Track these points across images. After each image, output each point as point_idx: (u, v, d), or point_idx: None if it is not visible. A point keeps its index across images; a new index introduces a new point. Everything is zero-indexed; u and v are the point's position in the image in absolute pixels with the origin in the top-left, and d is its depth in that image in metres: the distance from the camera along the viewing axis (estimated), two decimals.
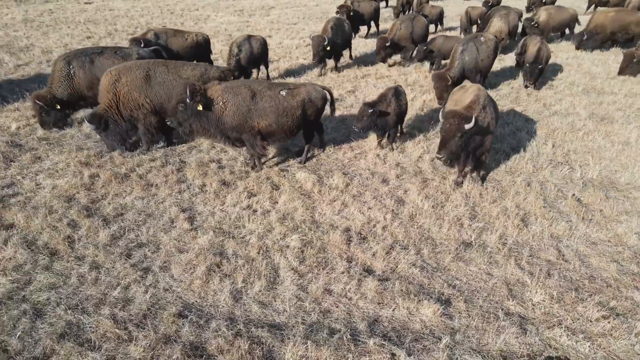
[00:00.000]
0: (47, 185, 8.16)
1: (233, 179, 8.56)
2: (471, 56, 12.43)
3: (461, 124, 7.04)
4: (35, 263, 6.28)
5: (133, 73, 9.03)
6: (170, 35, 13.40)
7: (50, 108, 10.00)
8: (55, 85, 9.99)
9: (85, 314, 5.46)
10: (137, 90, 9.01)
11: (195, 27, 22.83)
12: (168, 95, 9.18)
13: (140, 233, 7.00)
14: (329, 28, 14.78)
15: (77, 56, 10.13)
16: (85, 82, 10.07)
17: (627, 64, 15.25)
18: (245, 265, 6.31)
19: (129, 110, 9.09)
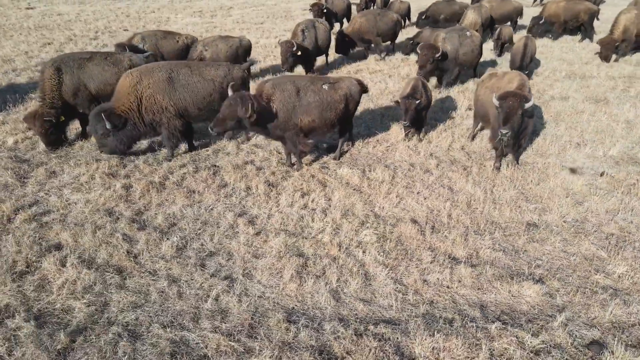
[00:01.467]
0: (78, 201, 7.54)
1: (276, 179, 8.30)
2: (452, 47, 12.53)
3: (522, 102, 7.24)
4: (105, 282, 5.78)
5: (155, 75, 8.54)
6: (160, 37, 12.80)
7: (57, 123, 9.19)
8: (49, 95, 9.16)
9: (186, 330, 5.09)
10: (161, 93, 8.53)
11: None
12: (193, 98, 8.77)
13: (204, 242, 6.63)
14: (299, 32, 13.89)
15: (65, 61, 9.37)
16: (71, 88, 9.28)
17: (609, 49, 16.19)
18: (331, 264, 6.13)
19: (152, 113, 8.59)
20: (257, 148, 9.59)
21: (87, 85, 9.45)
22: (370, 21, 16.20)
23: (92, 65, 9.55)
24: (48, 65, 9.29)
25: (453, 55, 12.59)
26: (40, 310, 5.35)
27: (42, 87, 9.24)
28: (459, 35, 12.71)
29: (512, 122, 7.37)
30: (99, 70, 9.58)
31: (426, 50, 11.78)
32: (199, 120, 9.34)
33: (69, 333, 4.96)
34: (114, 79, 9.63)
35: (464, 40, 12.69)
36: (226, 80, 9.05)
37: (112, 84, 9.55)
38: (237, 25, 23.88)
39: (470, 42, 12.82)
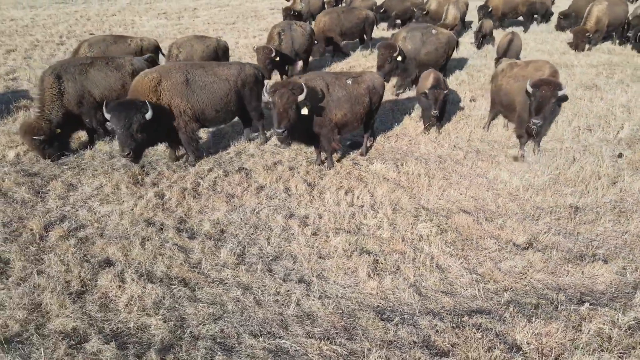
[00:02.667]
0: (110, 213, 7.08)
1: (313, 178, 8.13)
2: (414, 46, 11.83)
3: (556, 90, 7.39)
4: (174, 296, 5.45)
5: (173, 77, 8.17)
6: (110, 43, 11.42)
7: (52, 137, 8.51)
8: (48, 107, 8.52)
9: (279, 338, 4.87)
10: (179, 96, 8.14)
11: (126, 34, 20.97)
12: (210, 100, 8.43)
13: (262, 246, 6.40)
14: (275, 35, 13.22)
15: (65, 68, 8.76)
16: (75, 97, 8.70)
17: (581, 39, 16.94)
18: (402, 259, 6.06)
19: (169, 117, 8.16)
20: (279, 148, 9.36)
21: (92, 92, 8.90)
22: (334, 19, 15.70)
23: (95, 70, 8.99)
24: (47, 73, 8.65)
25: (414, 54, 11.84)
26: (114, 330, 4.97)
27: (41, 98, 8.59)
28: (422, 34, 11.96)
29: (545, 110, 7.51)
30: (102, 75, 9.04)
31: (384, 50, 11.17)
32: (216, 124, 8.99)
33: (157, 351, 4.63)
34: (118, 84, 9.15)
35: (427, 38, 11.95)
36: (240, 78, 8.77)
37: (117, 90, 9.09)
38: (209, 26, 23.31)
39: (434, 41, 12.04)
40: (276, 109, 7.06)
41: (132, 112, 7.20)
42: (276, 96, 7.03)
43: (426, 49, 11.91)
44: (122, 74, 9.25)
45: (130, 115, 7.16)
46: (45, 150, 8.52)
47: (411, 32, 12.00)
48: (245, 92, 8.82)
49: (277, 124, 7.06)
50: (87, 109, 8.94)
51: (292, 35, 13.60)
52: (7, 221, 6.84)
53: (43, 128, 8.36)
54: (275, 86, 7.24)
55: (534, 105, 7.48)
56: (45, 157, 8.60)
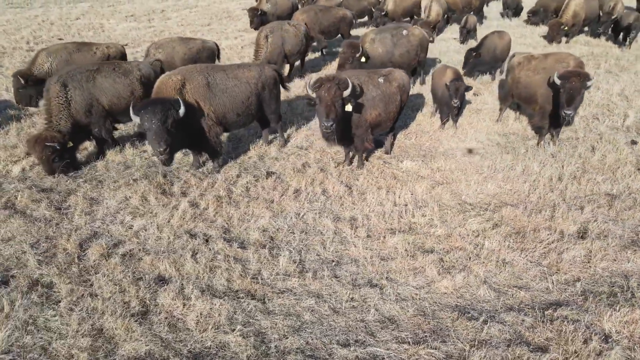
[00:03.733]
0: (145, 226, 6.68)
1: (348, 179, 7.97)
2: (385, 49, 11.21)
3: (584, 81, 7.52)
4: (245, 309, 5.17)
5: (196, 79, 7.80)
6: (73, 51, 10.38)
7: (63, 149, 7.91)
8: (56, 117, 7.96)
9: (370, 346, 4.70)
10: (202, 99, 7.80)
11: (98, 39, 20.08)
12: (232, 103, 8.10)
13: (319, 252, 6.19)
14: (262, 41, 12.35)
15: (71, 75, 8.19)
16: (83, 105, 8.14)
17: (557, 32, 17.50)
18: (466, 256, 6.00)
19: (192, 121, 7.76)
20: (301, 150, 9.14)
21: (100, 99, 8.38)
22: (312, 18, 15.18)
23: (102, 77, 8.44)
24: (52, 82, 8.08)
25: (387, 57, 11.21)
26: (192, 351, 4.66)
27: (47, 108, 8.02)
28: (392, 35, 11.29)
29: (576, 101, 7.64)
30: (110, 82, 8.51)
31: (346, 49, 10.56)
32: (236, 127, 8.66)
33: None
34: (127, 91, 8.66)
35: (399, 40, 11.31)
36: (260, 81, 8.47)
37: (126, 97, 8.59)
38: (185, 28, 22.62)
39: (406, 43, 11.39)
40: (323, 102, 6.85)
41: (167, 107, 6.81)
42: (322, 90, 6.84)
43: (399, 51, 11.31)
44: (130, 80, 8.76)
45: (165, 110, 6.76)
46: (53, 164, 7.91)
47: (381, 34, 11.32)
48: (265, 94, 8.54)
49: (325, 116, 6.85)
50: (96, 118, 8.42)
51: (283, 36, 13.13)
52: (34, 241, 6.33)
53: (56, 137, 7.80)
54: (320, 81, 7.03)
55: (565, 97, 7.59)
56: (53, 171, 7.99)
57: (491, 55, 12.86)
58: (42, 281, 5.61)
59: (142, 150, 9.02)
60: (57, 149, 7.75)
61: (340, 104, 6.94)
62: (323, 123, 6.98)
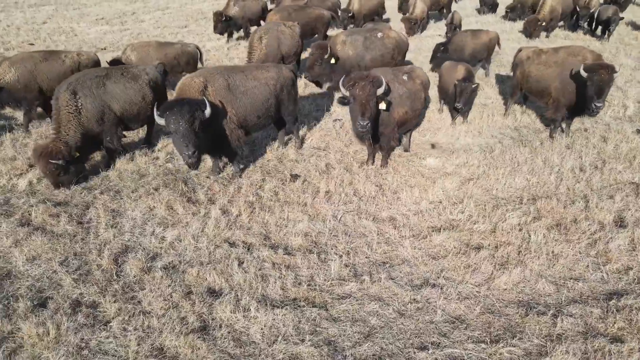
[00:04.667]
0: (179, 237, 6.38)
1: (377, 179, 7.85)
2: (355, 51, 10.62)
3: (612, 74, 7.66)
4: (308, 318, 4.99)
5: (217, 81, 7.52)
6: (39, 60, 9.49)
7: (70, 161, 7.43)
8: (65, 127, 7.50)
9: (448, 348, 4.61)
10: (224, 101, 7.53)
11: (72, 43, 19.25)
12: (252, 105, 7.86)
13: (367, 254, 6.06)
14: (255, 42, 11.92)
15: (81, 82, 7.73)
16: (94, 114, 7.74)
17: (535, 27, 17.93)
18: (517, 250, 6.00)
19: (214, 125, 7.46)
20: (319, 150, 8.98)
21: (112, 106, 7.98)
22: (285, 18, 14.68)
23: (112, 83, 8.03)
24: (62, 89, 7.61)
25: (357, 61, 10.63)
26: None
27: (56, 118, 7.56)
28: (364, 38, 10.71)
29: (605, 93, 7.72)
30: (121, 88, 8.11)
31: (314, 50, 10.25)
32: (255, 130, 8.43)
33: None
34: (138, 96, 8.29)
35: (371, 43, 10.69)
36: (279, 82, 8.25)
37: (137, 103, 8.25)
38: (163, 31, 22.00)
39: (380, 46, 10.77)
40: (358, 101, 6.74)
41: (194, 107, 6.51)
42: (357, 89, 6.73)
43: (370, 54, 10.69)
44: (140, 85, 8.39)
45: (192, 111, 6.46)
46: (60, 177, 7.46)
47: (352, 36, 10.74)
48: (283, 95, 8.34)
49: (361, 115, 6.73)
50: (108, 127, 8.00)
51: (279, 37, 12.86)
52: (62, 259, 5.95)
53: (62, 151, 7.32)
54: (353, 79, 6.92)
55: (595, 89, 7.65)
56: (59, 185, 7.54)
57: (459, 54, 12.47)
58: (83, 301, 5.25)
59: (153, 157, 8.65)
60: (62, 165, 7.28)
61: (374, 103, 6.82)
62: (359, 122, 6.86)
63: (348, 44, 10.73)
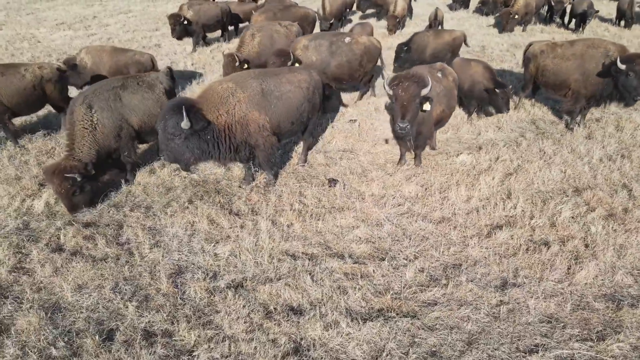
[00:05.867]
0: (234, 252, 6.02)
1: (418, 179, 7.69)
2: (319, 57, 9.85)
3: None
4: (403, 329, 4.78)
5: (250, 86, 7.08)
6: None
7: (86, 179, 6.81)
8: (79, 143, 6.92)
9: (554, 349, 4.52)
10: (257, 109, 7.08)
11: (36, 50, 18.07)
12: (287, 111, 7.41)
13: (436, 257, 5.91)
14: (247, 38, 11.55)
15: (97, 94, 7.20)
16: (113, 128, 7.20)
17: (507, 20, 18.33)
18: (583, 243, 6.01)
19: (246, 134, 7.05)
20: (346, 152, 8.76)
21: (129, 120, 7.44)
22: (270, 18, 14.30)
23: (129, 94, 7.47)
24: (77, 103, 7.03)
25: (321, 68, 9.74)
26: None
27: (70, 133, 6.98)
28: (330, 43, 9.95)
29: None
30: (139, 99, 7.56)
31: (275, 58, 9.55)
32: (288, 137, 7.99)
33: None
34: (155, 107, 7.70)
35: (338, 48, 9.94)
36: (311, 85, 7.84)
37: (155, 115, 7.56)
38: (135, 34, 21.01)
39: (347, 52, 9.98)
40: (399, 102, 6.57)
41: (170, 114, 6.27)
42: (399, 89, 6.56)
43: (337, 60, 9.94)
44: (157, 95, 7.84)
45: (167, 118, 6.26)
46: (75, 197, 6.81)
47: (316, 41, 9.96)
48: (315, 99, 7.93)
49: (401, 116, 6.56)
50: (125, 141, 7.46)
51: (273, 37, 12.48)
52: (113, 285, 5.46)
53: (77, 167, 6.75)
54: (397, 78, 6.74)
55: (637, 82, 7.73)
56: (74, 207, 6.87)
57: (420, 54, 12.24)
58: (153, 330, 4.82)
59: (175, 168, 8.13)
60: (78, 181, 6.68)
61: (418, 104, 6.66)
62: (398, 124, 6.68)
63: (311, 49, 9.92)
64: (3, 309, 5.10)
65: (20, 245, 6.14)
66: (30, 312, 5.01)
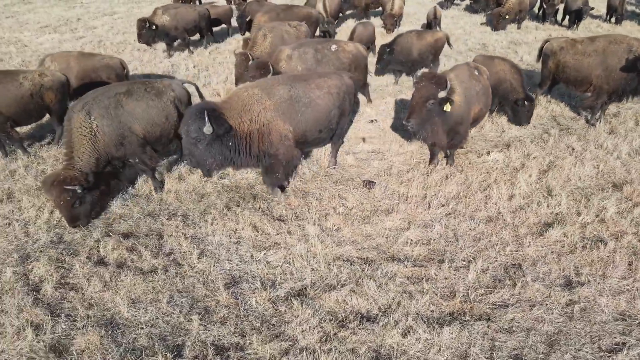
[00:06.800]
0: (286, 259, 5.86)
1: (456, 179, 7.61)
2: (305, 66, 9.17)
3: None
4: (480, 333, 4.70)
5: (277, 93, 6.75)
6: None
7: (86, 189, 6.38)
8: (79, 151, 6.48)
9: (637, 347, 4.50)
10: (282, 117, 6.71)
11: (25, 55, 17.47)
12: (315, 119, 7.06)
13: (494, 257, 5.84)
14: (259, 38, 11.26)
15: (97, 101, 6.70)
16: (115, 136, 6.72)
17: (498, 20, 18.49)
18: (638, 238, 6.02)
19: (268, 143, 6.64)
20: (377, 153, 8.66)
21: (132, 128, 6.89)
22: (273, 18, 14.06)
23: (133, 101, 6.93)
24: (76, 109, 6.58)
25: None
26: None
27: (68, 141, 6.54)
28: (315, 50, 9.26)
29: None
30: (143, 106, 7.02)
31: (253, 71, 8.81)
32: (314, 146, 7.71)
33: None
34: (161, 116, 7.24)
35: (324, 57, 9.28)
36: (342, 90, 7.47)
37: (161, 124, 7.22)
38: (126, 36, 20.43)
39: (334, 60, 9.33)
40: (411, 101, 6.72)
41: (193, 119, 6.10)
42: (416, 88, 6.72)
43: (324, 69, 9.14)
44: (164, 103, 7.28)
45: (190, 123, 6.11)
46: (75, 209, 6.35)
47: (301, 49, 9.32)
48: (345, 105, 7.61)
49: (407, 115, 6.76)
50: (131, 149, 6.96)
51: (283, 37, 12.30)
52: (168, 299, 5.22)
53: (77, 177, 6.27)
54: (421, 77, 6.82)
55: None
56: (74, 220, 6.41)
57: (405, 55, 11.89)
58: (222, 344, 4.62)
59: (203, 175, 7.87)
60: (79, 193, 6.26)
61: (435, 105, 6.69)
62: (403, 121, 6.81)
63: (295, 58, 9.20)
64: (57, 328, 4.82)
65: (60, 260, 5.84)
66: (88, 330, 4.76)
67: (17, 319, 4.90)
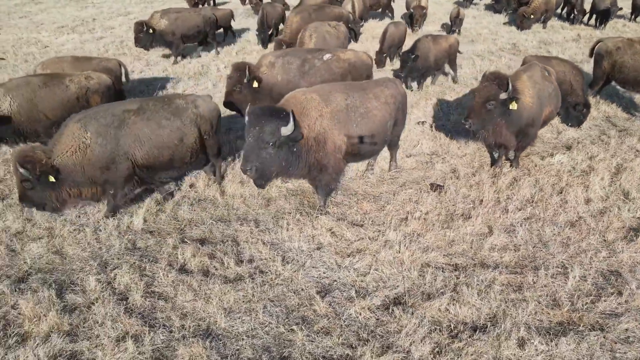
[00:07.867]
0: (371, 266, 5.71)
1: (529, 182, 7.43)
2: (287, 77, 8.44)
3: None
4: (604, 347, 4.55)
5: (335, 100, 6.41)
6: (39, 86, 7.68)
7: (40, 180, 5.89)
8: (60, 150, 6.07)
9: None
10: (338, 127, 6.33)
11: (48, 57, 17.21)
12: (370, 130, 6.67)
13: (587, 264, 5.70)
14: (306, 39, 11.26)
15: (99, 116, 6.27)
16: (102, 158, 6.18)
17: (522, 20, 18.36)
18: None
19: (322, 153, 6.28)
20: (436, 156, 8.50)
21: (130, 153, 6.37)
22: (306, 19, 13.93)
23: (142, 120, 6.40)
24: (74, 119, 6.27)
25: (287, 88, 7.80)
26: None
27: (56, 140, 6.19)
28: (302, 60, 8.57)
29: None
30: (153, 127, 6.45)
31: (232, 72, 8.25)
32: (367, 157, 7.40)
33: None
34: (174, 138, 6.59)
35: (312, 67, 8.51)
36: (397, 99, 7.13)
37: (172, 147, 6.62)
38: None
39: (324, 71, 8.51)
40: (472, 101, 6.77)
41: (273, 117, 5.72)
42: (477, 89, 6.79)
43: (309, 81, 8.31)
44: (182, 122, 6.68)
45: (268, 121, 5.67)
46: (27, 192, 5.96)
47: (287, 57, 8.59)
48: (398, 115, 7.25)
49: (466, 115, 6.86)
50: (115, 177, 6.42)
51: (325, 37, 12.13)
52: (263, 309, 5.06)
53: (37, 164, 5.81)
54: (484, 77, 6.81)
55: None
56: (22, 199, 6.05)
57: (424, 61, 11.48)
58: (332, 356, 4.46)
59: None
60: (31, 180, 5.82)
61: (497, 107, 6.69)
62: (462, 120, 6.87)
63: (278, 67, 8.51)
64: (155, 339, 4.65)
65: (142, 267, 5.67)
66: (188, 341, 4.59)
67: (112, 329, 4.72)
